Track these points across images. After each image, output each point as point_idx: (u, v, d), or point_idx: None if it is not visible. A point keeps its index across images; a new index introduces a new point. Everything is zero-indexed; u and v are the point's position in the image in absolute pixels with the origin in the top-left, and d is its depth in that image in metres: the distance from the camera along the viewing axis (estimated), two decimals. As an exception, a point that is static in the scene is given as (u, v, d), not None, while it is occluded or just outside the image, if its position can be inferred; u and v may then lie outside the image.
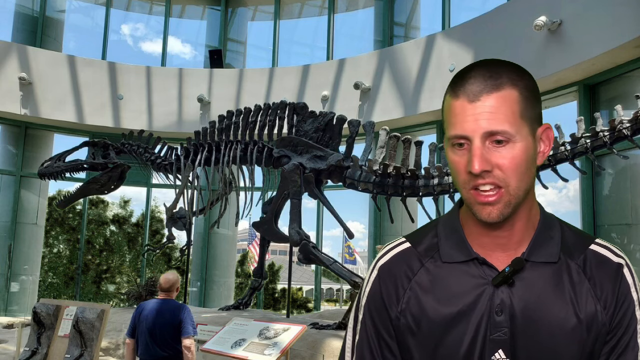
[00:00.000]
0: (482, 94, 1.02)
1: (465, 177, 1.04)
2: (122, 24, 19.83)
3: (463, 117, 1.03)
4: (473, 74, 1.05)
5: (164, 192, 28.91)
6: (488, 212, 1.04)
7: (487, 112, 1.02)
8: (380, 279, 1.16)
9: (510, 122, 1.02)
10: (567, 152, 5.45)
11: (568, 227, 1.15)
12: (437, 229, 1.17)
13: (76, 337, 5.29)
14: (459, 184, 1.07)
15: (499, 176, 1.02)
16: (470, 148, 1.03)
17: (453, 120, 1.05)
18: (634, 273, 1.10)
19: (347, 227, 6.65)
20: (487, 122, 1.01)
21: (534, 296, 1.06)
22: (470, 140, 1.03)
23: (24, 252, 12.55)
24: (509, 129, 1.01)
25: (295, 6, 14.48)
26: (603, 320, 1.06)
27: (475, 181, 1.03)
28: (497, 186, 1.02)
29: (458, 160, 1.05)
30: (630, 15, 7.31)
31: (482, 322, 1.06)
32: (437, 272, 1.12)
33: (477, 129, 1.02)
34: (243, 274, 21.43)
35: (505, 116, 1.02)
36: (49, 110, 12.14)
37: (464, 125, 1.03)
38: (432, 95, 10.32)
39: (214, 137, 7.75)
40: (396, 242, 1.21)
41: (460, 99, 1.04)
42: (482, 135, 1.02)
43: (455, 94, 1.05)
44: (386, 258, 1.18)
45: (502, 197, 1.03)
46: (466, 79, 1.05)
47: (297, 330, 5.39)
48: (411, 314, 1.10)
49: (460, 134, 1.03)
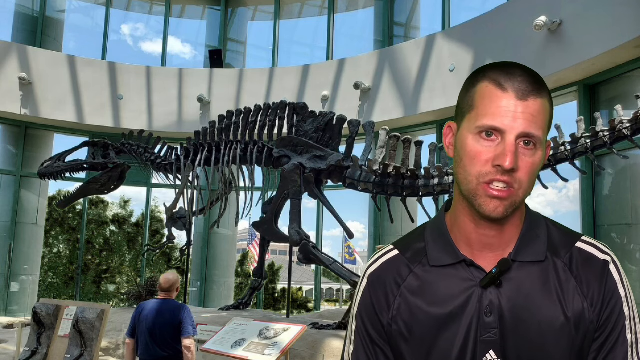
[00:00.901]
0: (531, 96, 1.03)
1: (486, 168, 1.03)
2: (122, 24, 19.85)
3: (506, 112, 1.03)
4: (519, 72, 1.05)
5: (164, 192, 28.93)
6: (495, 206, 1.03)
7: (530, 114, 1.03)
8: (370, 287, 1.17)
9: (543, 130, 1.05)
10: (567, 152, 5.45)
11: (554, 225, 1.15)
12: (424, 233, 1.18)
13: (76, 337, 5.29)
14: (471, 174, 1.05)
15: (517, 177, 1.03)
16: (502, 143, 1.02)
17: (492, 111, 1.03)
18: (620, 269, 1.10)
19: (347, 227, 6.65)
20: (528, 123, 1.02)
21: (522, 296, 1.06)
22: (502, 135, 1.03)
23: (24, 252, 12.55)
24: (541, 135, 1.04)
25: (295, 6, 14.48)
26: (591, 317, 1.06)
27: (494, 176, 1.03)
28: (511, 185, 1.03)
29: (481, 150, 1.04)
30: (630, 15, 7.31)
31: (473, 324, 1.06)
32: (425, 277, 1.12)
33: (517, 127, 1.02)
34: (243, 274, 21.43)
35: (541, 122, 1.04)
36: (49, 110, 12.15)
37: (504, 120, 1.02)
38: (432, 95, 10.32)
39: (214, 137, 7.75)
40: (384, 250, 1.21)
41: (509, 93, 1.03)
42: (519, 134, 1.02)
43: (503, 86, 1.04)
44: (375, 266, 1.19)
45: (512, 196, 1.03)
46: (515, 76, 1.04)
47: (297, 330, 5.39)
48: (402, 320, 1.11)
49: (499, 127, 1.02)
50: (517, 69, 1.06)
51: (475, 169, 1.04)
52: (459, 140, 1.09)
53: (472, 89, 1.09)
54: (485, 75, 1.07)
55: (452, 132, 1.14)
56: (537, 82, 1.05)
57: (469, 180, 1.05)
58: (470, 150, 1.05)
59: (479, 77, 1.08)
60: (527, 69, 1.07)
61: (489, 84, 1.06)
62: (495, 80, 1.05)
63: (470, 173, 1.05)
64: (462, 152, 1.07)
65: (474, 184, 1.05)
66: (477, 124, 1.05)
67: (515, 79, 1.04)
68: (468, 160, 1.05)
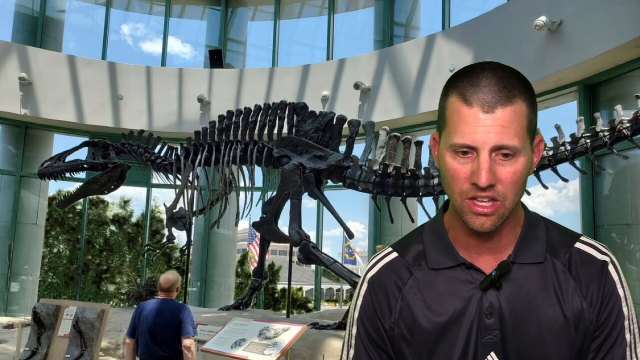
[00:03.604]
0: (497, 106, 0.99)
1: (465, 186, 1.02)
2: (122, 24, 19.84)
3: (474, 128, 1.00)
4: (485, 81, 1.01)
5: (164, 192, 28.94)
6: (482, 222, 1.03)
7: (500, 126, 0.99)
8: (371, 291, 1.16)
9: (519, 137, 1.00)
10: (567, 152, 5.45)
11: (552, 225, 1.15)
12: (423, 235, 1.17)
13: (76, 337, 5.29)
14: (454, 191, 1.04)
15: (499, 190, 1.01)
16: (477, 159, 1.00)
17: (462, 128, 1.01)
18: (619, 269, 1.11)
19: (347, 227, 6.65)
20: (499, 135, 0.99)
21: (521, 297, 1.07)
22: (476, 151, 1.00)
23: (24, 252, 12.55)
24: (517, 144, 1.00)
25: (295, 6, 14.48)
26: (590, 318, 1.07)
27: (475, 192, 1.01)
28: (495, 199, 1.02)
29: (459, 168, 1.02)
30: (630, 15, 7.31)
31: (473, 326, 1.07)
32: (426, 280, 1.12)
33: (488, 141, 0.99)
34: (243, 274, 21.44)
35: (516, 131, 1.00)
36: (49, 110, 12.14)
37: (475, 137, 0.99)
38: (432, 95, 10.32)
39: (214, 137, 7.75)
40: (383, 253, 1.20)
41: (474, 107, 1.00)
42: (492, 148, 0.99)
43: (468, 101, 1.01)
44: (375, 270, 1.18)
45: (498, 210, 1.02)
46: (479, 87, 1.01)
47: (297, 330, 5.40)
48: (405, 323, 1.11)
49: (470, 144, 1.00)
50: (483, 77, 1.01)
51: (457, 187, 1.03)
52: (440, 156, 1.08)
53: (444, 103, 1.06)
54: (454, 86, 1.04)
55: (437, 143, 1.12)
56: (505, 87, 1.00)
57: (454, 197, 1.05)
58: (449, 168, 1.04)
59: (449, 90, 1.05)
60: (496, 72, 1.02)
61: (456, 99, 1.03)
62: (461, 94, 1.02)
63: (453, 190, 1.04)
64: (443, 169, 1.06)
65: (459, 201, 1.04)
66: (450, 143, 1.03)
67: (480, 90, 1.00)
68: (449, 178, 1.04)
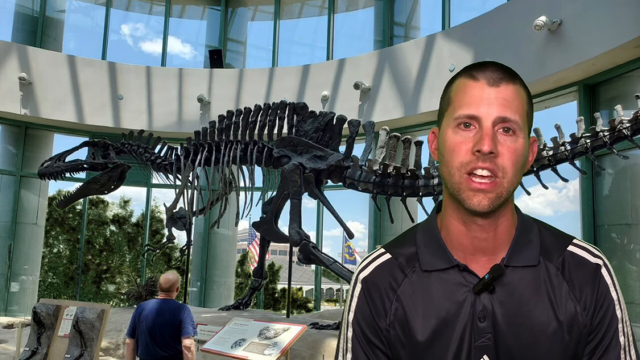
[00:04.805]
0: (503, 82, 1.05)
1: (466, 158, 1.03)
2: (122, 24, 19.84)
3: (479, 99, 1.04)
4: (492, 65, 1.08)
5: (164, 192, 28.92)
6: (479, 199, 1.03)
7: (503, 99, 1.04)
8: (365, 292, 1.15)
9: (520, 115, 1.05)
10: (567, 152, 5.45)
11: (545, 228, 1.15)
12: (416, 237, 1.16)
13: (76, 337, 5.29)
14: (453, 167, 1.05)
15: (500, 163, 1.02)
16: (479, 130, 1.03)
17: (467, 101, 1.05)
18: (612, 272, 1.11)
19: (347, 227, 6.65)
20: (502, 108, 1.03)
21: (515, 301, 1.06)
22: (479, 122, 1.03)
23: (24, 252, 12.55)
24: (518, 119, 1.04)
25: (295, 6, 14.48)
26: (584, 321, 1.06)
27: (476, 163, 1.02)
28: (494, 175, 1.02)
29: (460, 141, 1.04)
30: (630, 15, 7.31)
31: (467, 330, 1.06)
32: (419, 282, 1.11)
33: (492, 112, 1.03)
34: (243, 274, 21.44)
35: (517, 108, 1.05)
36: (49, 110, 12.14)
37: (479, 107, 1.04)
38: (432, 95, 10.31)
39: (214, 137, 7.74)
40: (376, 254, 1.19)
41: (480, 81, 1.06)
42: (495, 119, 1.03)
43: (474, 76, 1.07)
44: (368, 271, 1.17)
45: (496, 187, 1.02)
46: (486, 67, 1.07)
47: (297, 330, 5.39)
48: (400, 325, 1.10)
49: (474, 114, 1.04)
50: (489, 64, 1.08)
51: (457, 160, 1.04)
52: (440, 139, 1.09)
53: (449, 88, 1.11)
54: (460, 74, 1.11)
55: (436, 137, 1.14)
56: (510, 72, 1.08)
57: (452, 174, 1.05)
58: (451, 143, 1.06)
59: (455, 78, 1.12)
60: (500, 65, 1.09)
61: (463, 79, 1.09)
62: (468, 73, 1.08)
63: (452, 166, 1.05)
64: (444, 148, 1.08)
65: (457, 177, 1.04)
66: (454, 116, 1.06)
67: (486, 69, 1.07)
68: (449, 154, 1.06)
